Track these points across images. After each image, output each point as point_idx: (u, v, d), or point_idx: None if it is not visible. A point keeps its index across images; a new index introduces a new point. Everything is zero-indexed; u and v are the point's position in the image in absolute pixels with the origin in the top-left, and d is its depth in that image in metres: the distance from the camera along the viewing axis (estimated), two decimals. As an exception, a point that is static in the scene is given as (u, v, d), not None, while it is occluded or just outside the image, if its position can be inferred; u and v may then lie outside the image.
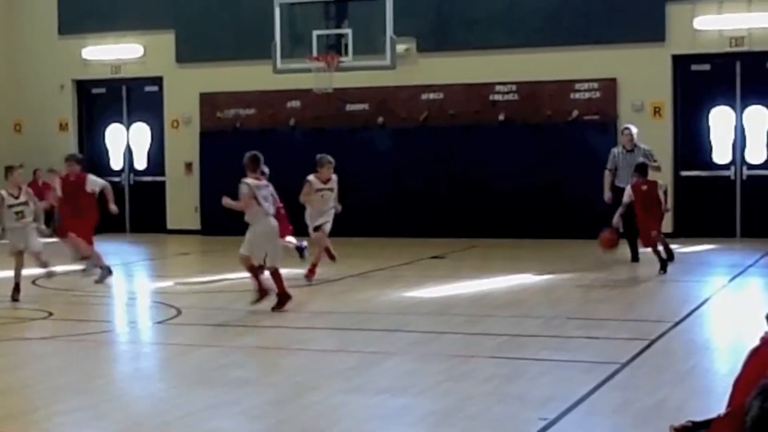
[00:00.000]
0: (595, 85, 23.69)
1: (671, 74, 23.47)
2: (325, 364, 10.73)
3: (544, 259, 19.83)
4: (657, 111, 23.29)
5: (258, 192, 13.80)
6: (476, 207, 24.00)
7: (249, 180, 14.29)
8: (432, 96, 24.66)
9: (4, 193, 15.45)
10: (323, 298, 15.55)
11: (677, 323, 12.61)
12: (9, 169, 15.87)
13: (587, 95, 23.71)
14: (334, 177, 16.99)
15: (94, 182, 16.94)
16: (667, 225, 20.12)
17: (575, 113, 23.67)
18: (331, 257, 16.96)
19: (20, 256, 15.50)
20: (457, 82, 24.41)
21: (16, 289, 15.21)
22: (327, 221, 16.80)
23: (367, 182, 24.40)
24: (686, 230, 23.02)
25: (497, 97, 24.23)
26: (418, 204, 24.25)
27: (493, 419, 8.47)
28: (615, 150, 19.50)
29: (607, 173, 19.26)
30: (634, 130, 19.35)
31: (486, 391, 9.31)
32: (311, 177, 16.79)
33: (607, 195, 19.09)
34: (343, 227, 24.18)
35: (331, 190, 16.78)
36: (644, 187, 17.39)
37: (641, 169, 17.60)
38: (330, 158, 16.83)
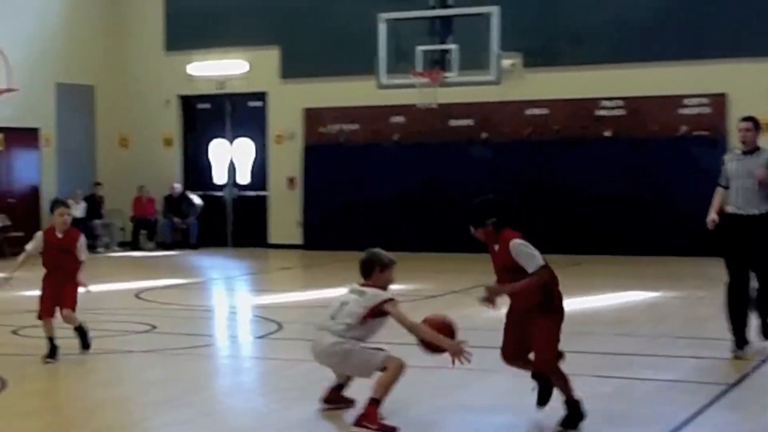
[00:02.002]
0: (705, 100, 23.28)
1: (784, 89, 22.97)
2: (425, 380, 10.59)
3: (650, 277, 19.50)
4: (768, 127, 22.80)
5: None
6: (580, 223, 23.71)
7: None
8: (537, 111, 24.43)
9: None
10: (425, 314, 15.39)
11: (787, 344, 12.26)
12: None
13: (696, 111, 23.31)
14: None
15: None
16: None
17: (683, 129, 23.29)
18: None
19: None
20: (562, 98, 24.16)
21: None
22: None
23: (469, 197, 24.15)
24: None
25: (603, 113, 23.93)
26: (521, 220, 23.97)
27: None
28: (726, 156, 12.86)
29: (718, 191, 12.69)
30: (756, 123, 12.60)
31: (589, 411, 9.10)
32: None
33: (711, 217, 12.62)
34: (444, 242, 24.16)
35: None
36: None
37: None
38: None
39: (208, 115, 28.11)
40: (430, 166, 24.80)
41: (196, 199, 27.25)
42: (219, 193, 27.82)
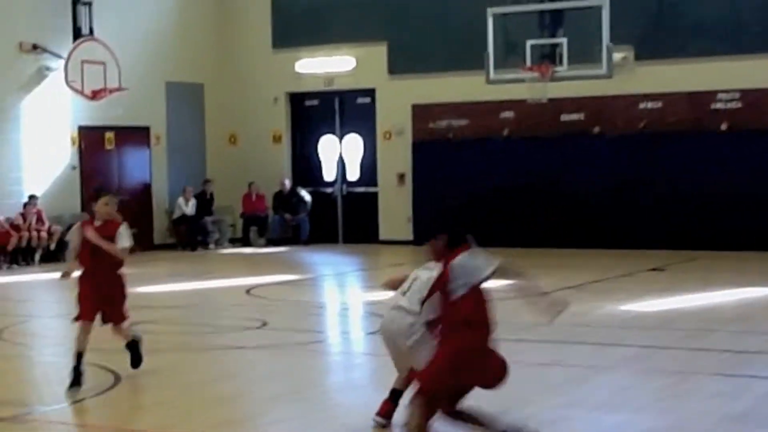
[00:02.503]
0: (823, 91, 22.71)
1: None
2: (539, 377, 10.45)
3: (770, 273, 19.07)
4: None
5: None
6: (697, 218, 23.26)
7: None
8: (650, 105, 24.02)
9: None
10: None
11: None
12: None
13: (816, 103, 22.76)
14: None
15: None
16: None
17: (802, 121, 22.75)
18: None
19: None
20: (676, 91, 23.73)
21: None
22: None
23: (583, 192, 23.95)
24: None
25: (719, 106, 23.45)
26: (637, 214, 23.63)
27: (717, 440, 8.09)
28: None
29: None
30: None
31: (708, 410, 8.90)
32: None
33: None
34: (558, 237, 23.91)
35: None
36: None
37: None
38: None
39: (316, 112, 28.14)
40: (541, 161, 24.54)
41: (306, 196, 27.30)
42: (329, 190, 27.84)
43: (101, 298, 10.34)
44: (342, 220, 27.49)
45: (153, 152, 26.47)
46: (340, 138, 27.77)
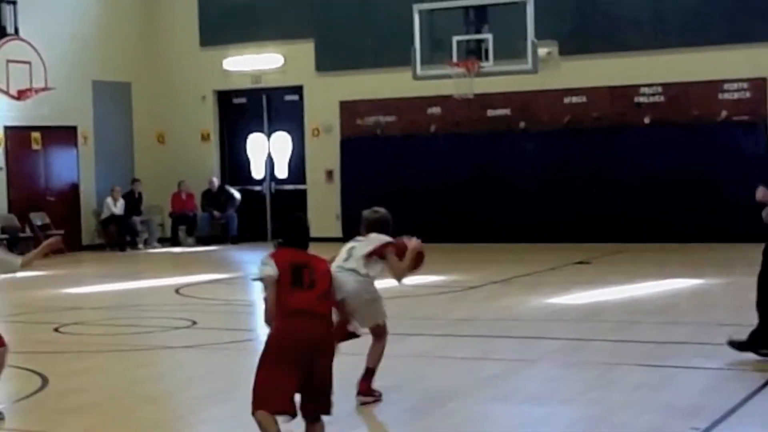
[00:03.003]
0: (745, 85, 23.05)
1: (823, 72, 22.74)
2: (468, 371, 10.54)
3: (694, 263, 19.34)
4: (809, 110, 22.57)
5: None
6: (622, 211, 23.55)
7: None
8: (575, 99, 24.27)
9: None
10: (466, 305, 15.34)
11: (836, 329, 12.08)
12: None
13: (736, 95, 23.09)
14: None
15: None
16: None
17: (724, 114, 23.08)
18: None
19: None
20: (600, 85, 23.99)
21: None
22: None
23: (510, 187, 24.16)
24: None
25: (642, 99, 23.75)
26: (562, 208, 23.87)
27: (641, 429, 8.22)
28: None
29: None
30: None
31: (634, 400, 9.03)
32: None
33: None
34: (486, 232, 24.07)
35: None
36: None
37: None
38: None
39: (244, 110, 28.11)
40: (468, 157, 24.70)
41: (235, 194, 27.26)
42: (258, 188, 27.82)
43: None
44: (271, 217, 27.48)
45: (80, 152, 26.31)
46: (269, 135, 27.76)
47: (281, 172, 27.73)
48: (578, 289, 16.24)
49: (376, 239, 9.47)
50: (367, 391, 9.25)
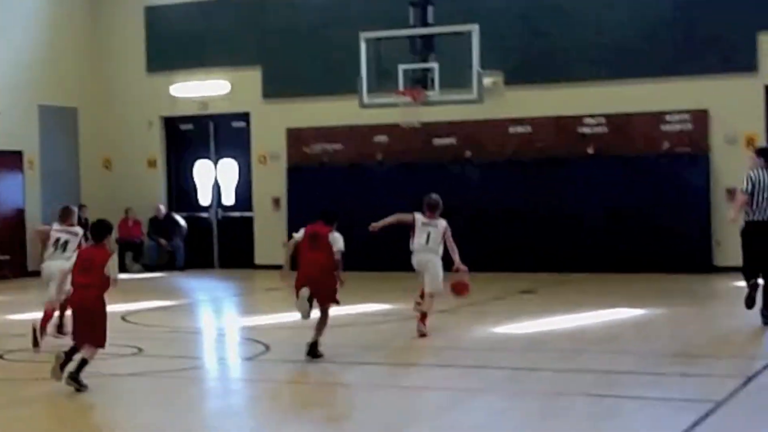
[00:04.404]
0: (686, 116, 23.35)
1: (764, 105, 23.07)
2: (414, 401, 10.62)
3: (637, 294, 19.53)
4: (750, 142, 22.85)
5: None
6: (566, 241, 23.74)
7: None
8: (520, 129, 24.48)
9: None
10: (411, 334, 15.41)
11: (775, 360, 12.32)
12: None
13: (678, 127, 23.38)
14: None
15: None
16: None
17: (666, 145, 23.37)
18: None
19: None
20: (545, 115, 24.23)
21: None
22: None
23: (455, 216, 24.15)
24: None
25: (586, 130, 23.99)
26: (507, 238, 24.02)
27: (587, 459, 8.31)
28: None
29: None
30: None
31: (579, 430, 9.13)
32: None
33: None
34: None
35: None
36: None
37: None
38: None
39: (191, 136, 28.08)
40: (414, 186, 24.68)
41: (181, 221, 27.20)
42: (204, 215, 27.78)
43: None
44: (218, 245, 27.45)
45: (26, 177, 26.16)
46: (215, 162, 27.74)
47: (228, 199, 27.71)
48: (523, 318, 16.37)
49: (442, 226, 15.13)
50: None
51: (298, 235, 13.55)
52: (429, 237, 14.96)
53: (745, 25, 22.95)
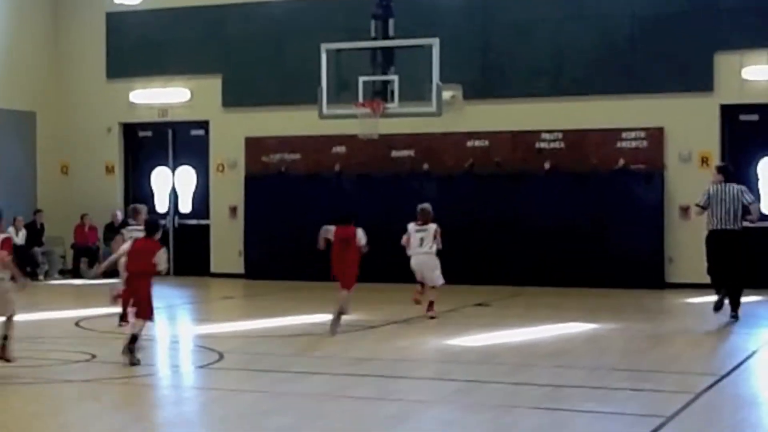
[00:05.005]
0: (642, 134, 23.59)
1: (719, 124, 23.33)
2: (366, 412, 10.66)
3: (589, 309, 19.69)
4: (705, 161, 23.13)
5: None
6: (520, 255, 23.90)
7: None
8: (478, 143, 24.64)
9: None
10: (365, 345, 15.48)
11: (723, 376, 12.44)
12: None
13: (634, 144, 23.61)
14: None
15: None
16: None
17: (621, 162, 23.58)
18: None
19: None
20: (502, 130, 24.39)
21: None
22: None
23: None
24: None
25: (543, 145, 24.19)
26: (462, 251, 24.10)
27: (536, 472, 8.37)
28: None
29: None
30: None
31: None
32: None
33: None
34: (386, 273, 24.21)
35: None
36: None
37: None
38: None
39: (150, 143, 28.07)
40: (371, 197, 24.87)
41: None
42: (161, 222, 27.69)
43: None
44: (174, 252, 27.40)
45: (-19, 181, 26.05)
46: (173, 169, 27.73)
47: (185, 206, 27.70)
48: (476, 331, 16.45)
49: (432, 228, 18.16)
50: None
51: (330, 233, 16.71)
52: (422, 240, 18.20)
53: (702, 45, 23.23)
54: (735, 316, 17.36)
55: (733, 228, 17.09)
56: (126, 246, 14.04)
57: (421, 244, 18.10)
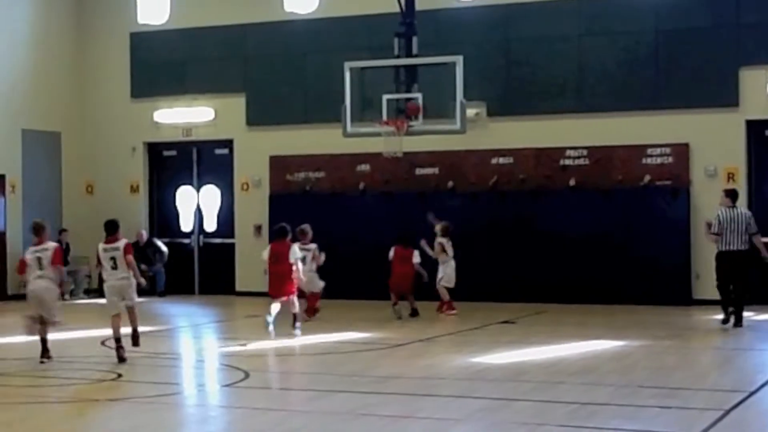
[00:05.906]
0: (668, 150, 23.49)
1: (745, 139, 23.23)
2: (392, 430, 10.62)
3: (616, 325, 19.60)
4: (731, 176, 23.01)
5: None
6: (546, 272, 23.81)
7: None
8: (502, 160, 24.59)
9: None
10: (391, 363, 15.45)
11: (752, 393, 12.36)
12: None
13: (659, 160, 23.52)
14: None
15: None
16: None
17: (647, 178, 23.49)
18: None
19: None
20: (527, 147, 24.34)
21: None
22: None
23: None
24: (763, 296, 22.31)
25: (568, 162, 24.12)
26: (487, 268, 24.06)
27: (564, 490, 8.33)
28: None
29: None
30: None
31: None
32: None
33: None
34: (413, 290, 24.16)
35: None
36: None
37: None
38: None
39: (174, 163, 28.12)
40: (396, 215, 24.84)
41: (163, 247, 27.19)
42: (186, 241, 27.79)
43: None
44: (198, 271, 27.44)
45: (8, 200, 26.16)
46: (198, 189, 27.78)
47: (210, 225, 27.74)
48: (502, 348, 16.40)
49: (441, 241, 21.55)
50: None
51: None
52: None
53: (727, 60, 23.14)
54: (740, 325, 18.81)
55: (741, 249, 18.79)
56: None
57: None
